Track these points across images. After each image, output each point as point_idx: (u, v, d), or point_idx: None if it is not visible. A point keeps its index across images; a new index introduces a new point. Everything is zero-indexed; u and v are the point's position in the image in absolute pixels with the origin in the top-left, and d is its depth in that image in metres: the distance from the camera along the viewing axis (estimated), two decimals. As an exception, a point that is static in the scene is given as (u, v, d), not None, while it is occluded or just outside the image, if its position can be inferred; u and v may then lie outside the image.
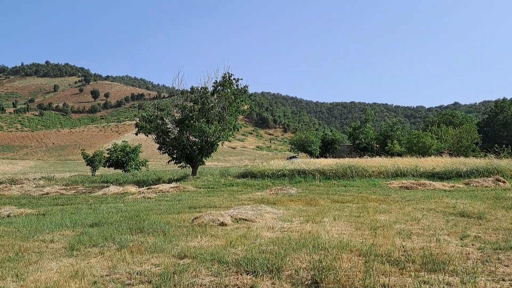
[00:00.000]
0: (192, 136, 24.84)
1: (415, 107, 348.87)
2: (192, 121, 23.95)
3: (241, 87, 25.27)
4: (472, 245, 6.75)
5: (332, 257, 5.89)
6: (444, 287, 4.78)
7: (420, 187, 17.32)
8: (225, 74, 25.03)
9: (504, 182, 17.85)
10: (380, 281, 4.92)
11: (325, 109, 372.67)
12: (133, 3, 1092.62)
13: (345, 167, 22.43)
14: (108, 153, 43.37)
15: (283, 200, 13.58)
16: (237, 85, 25.16)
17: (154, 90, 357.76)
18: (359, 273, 5.18)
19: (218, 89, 25.12)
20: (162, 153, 26.50)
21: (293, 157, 66.98)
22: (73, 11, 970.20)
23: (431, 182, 18.28)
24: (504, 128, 68.69)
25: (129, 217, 10.58)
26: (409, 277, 5.11)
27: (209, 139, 24.24)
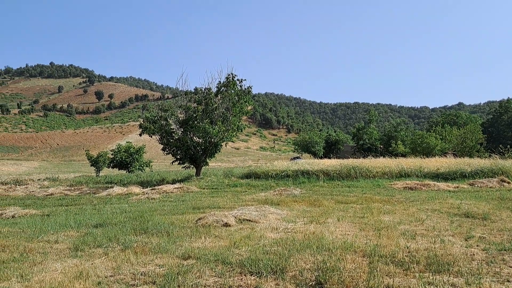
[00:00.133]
0: (196, 137, 24.88)
1: (419, 107, 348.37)
2: (196, 122, 23.98)
3: (244, 88, 25.30)
4: (477, 246, 6.73)
5: (336, 258, 5.88)
6: (448, 288, 4.77)
7: (424, 188, 17.27)
8: (228, 75, 25.06)
9: (509, 183, 17.79)
10: (384, 282, 4.92)
11: (329, 109, 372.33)
12: (133, 3, 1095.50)
13: (349, 167, 22.39)
14: (112, 154, 43.45)
15: (287, 201, 13.56)
16: (241, 86, 25.18)
17: (158, 91, 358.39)
18: (363, 274, 5.18)
19: (221, 89, 25.14)
20: (166, 153, 26.55)
21: (297, 157, 66.96)
22: (77, 12, 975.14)
23: (435, 183, 18.22)
24: (508, 129, 68.34)
25: (133, 217, 10.60)
26: (413, 278, 5.10)
27: (212, 139, 24.28)
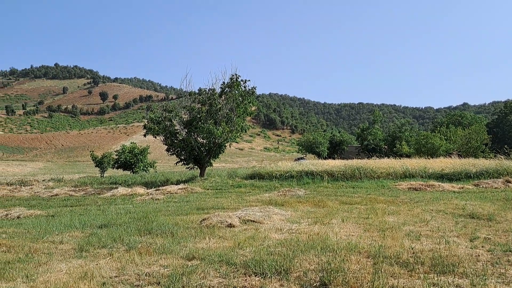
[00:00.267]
0: (200, 138, 24.91)
1: (423, 108, 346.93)
2: (200, 123, 24.01)
3: (248, 89, 25.30)
4: (482, 247, 6.70)
5: (340, 258, 5.87)
6: (453, 289, 4.76)
7: (428, 189, 17.21)
8: (232, 76, 25.08)
9: (514, 184, 17.69)
10: (389, 283, 4.90)
11: (333, 110, 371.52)
12: (137, 4, 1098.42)
13: (353, 168, 22.35)
14: (116, 155, 43.51)
15: (291, 202, 13.55)
16: (245, 87, 25.19)
17: (162, 91, 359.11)
18: (367, 275, 5.16)
19: (225, 90, 25.17)
20: (170, 154, 26.58)
21: (301, 158, 66.92)
22: (82, 13, 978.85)
23: (440, 183, 18.15)
24: (514, 129, 67.94)
25: (137, 218, 10.63)
26: (418, 279, 5.08)
27: (217, 140, 24.29)
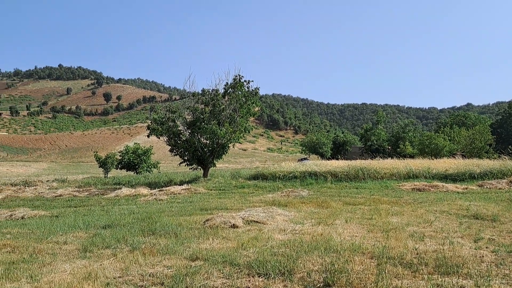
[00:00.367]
0: (203, 138, 24.96)
1: (427, 108, 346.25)
2: (203, 123, 24.06)
3: (252, 89, 25.34)
4: (486, 248, 6.67)
5: (344, 259, 5.85)
6: (458, 290, 4.73)
7: (432, 189, 17.16)
8: (236, 76, 25.14)
9: (518, 184, 17.61)
10: (392, 283, 4.89)
11: (336, 110, 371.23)
12: (140, 5, 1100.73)
13: (356, 169, 22.32)
14: (120, 155, 43.70)
15: (294, 202, 13.54)
16: (248, 87, 25.25)
17: (166, 92, 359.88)
18: (371, 275, 5.15)
19: (229, 91, 25.22)
20: (174, 155, 26.65)
21: (304, 159, 66.95)
22: (85, 14, 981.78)
23: (443, 184, 18.10)
24: (518, 129, 67.63)
25: (141, 219, 10.64)
26: (422, 280, 5.07)
27: (220, 141, 24.33)
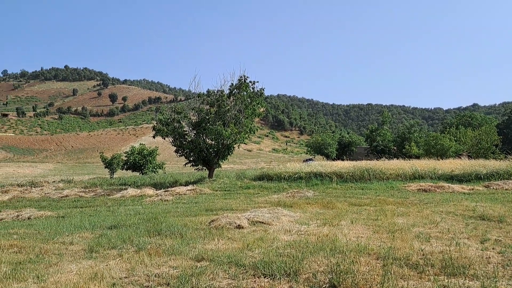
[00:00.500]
0: (208, 139, 25.00)
1: (433, 108, 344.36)
2: (209, 124, 24.10)
3: (257, 90, 25.36)
4: (493, 249, 6.64)
5: (349, 260, 5.84)
6: (464, 291, 4.71)
7: (438, 190, 17.08)
8: (241, 77, 25.17)
9: (525, 185, 17.48)
10: (398, 284, 4.88)
11: (342, 111, 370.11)
12: (143, 6, 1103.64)
13: (362, 169, 22.25)
14: (126, 156, 43.78)
15: (300, 203, 13.53)
16: (253, 88, 25.27)
17: (171, 93, 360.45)
18: (377, 276, 5.14)
19: (234, 92, 25.25)
20: (179, 155, 26.70)
21: (310, 159, 66.87)
22: (91, 15, 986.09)
23: (449, 185, 18.01)
24: (525, 130, 67.27)
25: (147, 219, 10.68)
26: (428, 281, 5.05)
27: (225, 141, 24.36)
